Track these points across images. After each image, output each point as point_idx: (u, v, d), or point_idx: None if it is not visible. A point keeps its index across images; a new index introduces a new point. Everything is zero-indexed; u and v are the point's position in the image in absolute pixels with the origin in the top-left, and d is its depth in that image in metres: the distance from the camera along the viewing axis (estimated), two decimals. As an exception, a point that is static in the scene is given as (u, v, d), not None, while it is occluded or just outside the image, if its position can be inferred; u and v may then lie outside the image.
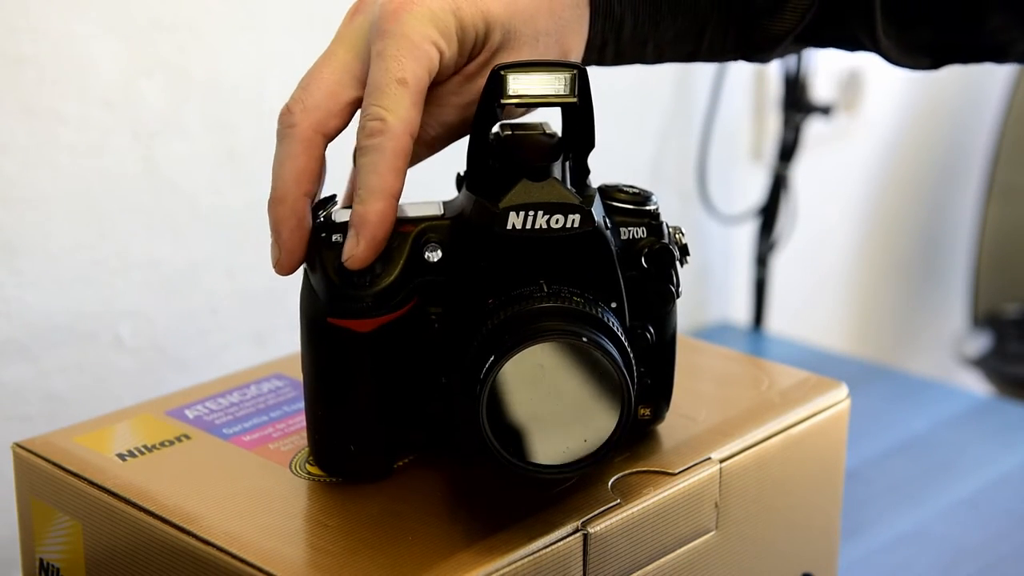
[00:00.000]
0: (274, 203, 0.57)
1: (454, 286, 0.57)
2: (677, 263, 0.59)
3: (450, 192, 0.61)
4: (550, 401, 0.53)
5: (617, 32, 0.62)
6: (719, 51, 0.64)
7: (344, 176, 1.00)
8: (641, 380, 0.59)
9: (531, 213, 0.55)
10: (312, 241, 0.58)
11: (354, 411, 0.58)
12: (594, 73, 0.59)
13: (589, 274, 0.56)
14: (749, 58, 0.66)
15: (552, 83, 0.56)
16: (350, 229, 0.56)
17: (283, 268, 0.58)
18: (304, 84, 0.58)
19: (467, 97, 0.59)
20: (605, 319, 0.54)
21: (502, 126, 0.59)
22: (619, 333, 0.54)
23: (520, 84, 0.56)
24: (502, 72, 0.56)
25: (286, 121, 0.58)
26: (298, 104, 0.57)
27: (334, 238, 0.57)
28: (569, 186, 0.57)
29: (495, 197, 0.55)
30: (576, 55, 0.60)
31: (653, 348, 0.59)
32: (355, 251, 0.56)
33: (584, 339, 0.52)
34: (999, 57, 0.67)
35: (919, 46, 0.66)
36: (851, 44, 0.66)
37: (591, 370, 0.52)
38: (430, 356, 0.57)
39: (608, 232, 0.56)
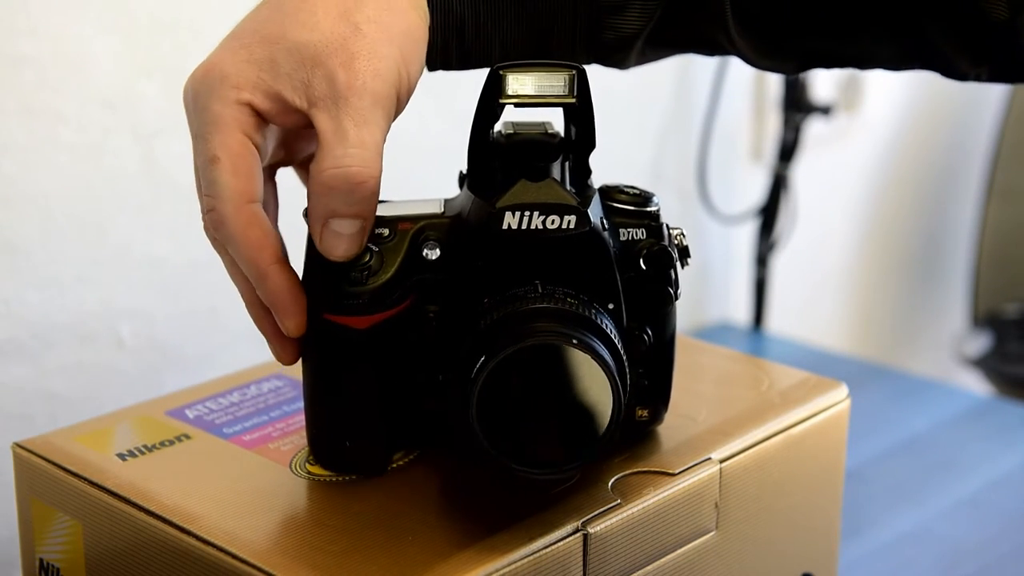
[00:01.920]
0: (260, 282, 0.56)
1: (452, 284, 0.57)
2: (676, 265, 0.59)
3: (453, 191, 0.61)
4: (540, 402, 0.53)
5: (459, 32, 0.60)
6: (569, 53, 0.62)
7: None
8: (639, 381, 0.59)
9: (527, 213, 0.55)
10: (311, 238, 0.58)
11: (349, 406, 0.59)
12: (594, 73, 0.59)
13: (585, 275, 0.56)
14: (603, 61, 0.64)
15: (551, 83, 0.56)
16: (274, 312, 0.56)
17: (292, 348, 0.58)
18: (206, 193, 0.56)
19: None
20: (598, 321, 0.54)
21: (505, 124, 0.59)
22: (612, 335, 0.54)
23: (519, 84, 0.56)
24: (501, 72, 0.56)
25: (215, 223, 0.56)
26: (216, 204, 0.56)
27: None
28: (568, 186, 0.57)
29: (493, 196, 0.56)
30: (416, 61, 0.57)
31: (651, 350, 0.59)
32: (288, 329, 0.56)
33: (574, 341, 0.52)
34: (863, 65, 0.66)
35: (779, 51, 0.64)
36: (709, 47, 0.65)
37: (582, 372, 0.52)
38: (428, 353, 0.58)
39: (605, 233, 0.56)
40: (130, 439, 0.63)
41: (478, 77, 0.58)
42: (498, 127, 0.59)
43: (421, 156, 1.02)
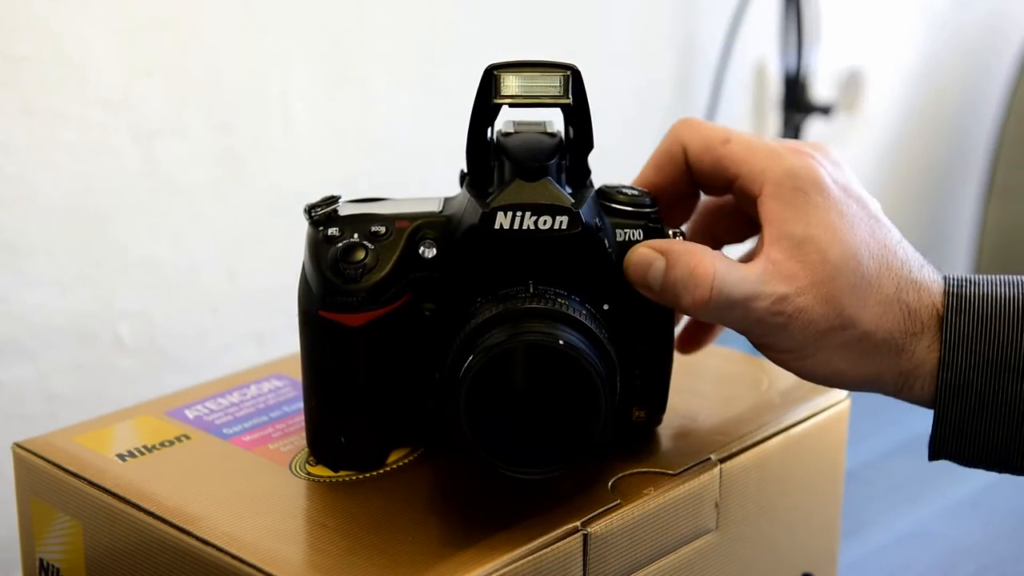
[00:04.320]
0: None
1: (447, 283, 0.57)
2: None
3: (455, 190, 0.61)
4: (526, 402, 0.53)
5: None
6: None
7: (348, 176, 1.00)
8: (633, 382, 0.59)
9: (519, 213, 0.55)
10: (309, 235, 0.58)
11: (345, 403, 0.59)
12: (595, 73, 0.59)
13: (579, 276, 0.56)
14: None
15: (545, 84, 0.56)
16: None
17: None
18: None
19: None
20: (588, 322, 0.54)
21: (505, 124, 0.59)
22: (601, 336, 0.54)
23: (513, 84, 0.56)
24: (496, 72, 0.56)
25: None
26: None
27: (331, 232, 0.57)
28: (564, 187, 0.57)
29: (488, 196, 0.56)
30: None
31: (648, 351, 0.59)
32: None
33: (560, 342, 0.52)
34: None
35: None
36: None
37: (568, 373, 0.52)
38: (424, 351, 0.58)
39: (600, 234, 0.56)
40: (130, 439, 0.63)
41: (479, 75, 0.58)
42: (499, 126, 0.59)
43: (424, 155, 1.02)
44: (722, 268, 0.56)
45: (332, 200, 0.59)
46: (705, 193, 0.65)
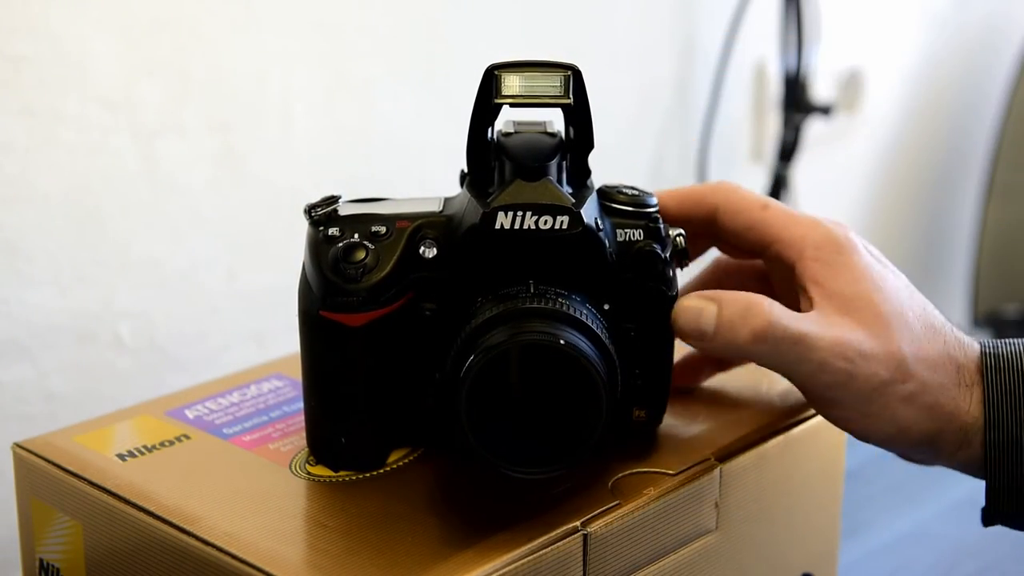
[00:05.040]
0: None
1: (448, 283, 0.57)
2: (668, 266, 0.59)
3: (455, 190, 0.61)
4: (527, 402, 0.53)
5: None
6: None
7: (348, 176, 1.00)
8: (634, 382, 0.59)
9: (520, 213, 0.55)
10: (310, 235, 0.58)
11: (345, 403, 0.59)
12: (595, 73, 0.59)
13: (579, 275, 0.56)
14: None
15: (545, 84, 0.56)
16: None
17: None
18: None
19: None
20: (589, 321, 0.54)
21: (506, 124, 0.59)
22: (602, 336, 0.54)
23: (513, 84, 0.56)
24: (496, 72, 0.56)
25: None
26: None
27: (331, 232, 0.57)
28: (565, 187, 0.57)
29: (488, 196, 0.56)
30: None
31: (648, 351, 0.59)
32: None
33: (562, 342, 0.52)
34: None
35: None
36: None
37: (569, 372, 0.52)
38: (425, 351, 0.58)
39: (601, 234, 0.57)
40: (130, 439, 0.63)
41: (479, 75, 0.58)
42: (499, 126, 0.59)
43: (424, 155, 1.02)
44: (777, 305, 0.57)
45: (332, 200, 0.59)
46: (724, 251, 0.66)
